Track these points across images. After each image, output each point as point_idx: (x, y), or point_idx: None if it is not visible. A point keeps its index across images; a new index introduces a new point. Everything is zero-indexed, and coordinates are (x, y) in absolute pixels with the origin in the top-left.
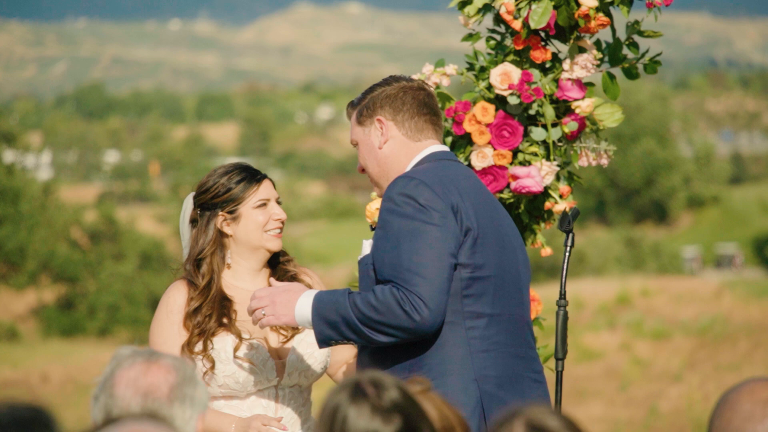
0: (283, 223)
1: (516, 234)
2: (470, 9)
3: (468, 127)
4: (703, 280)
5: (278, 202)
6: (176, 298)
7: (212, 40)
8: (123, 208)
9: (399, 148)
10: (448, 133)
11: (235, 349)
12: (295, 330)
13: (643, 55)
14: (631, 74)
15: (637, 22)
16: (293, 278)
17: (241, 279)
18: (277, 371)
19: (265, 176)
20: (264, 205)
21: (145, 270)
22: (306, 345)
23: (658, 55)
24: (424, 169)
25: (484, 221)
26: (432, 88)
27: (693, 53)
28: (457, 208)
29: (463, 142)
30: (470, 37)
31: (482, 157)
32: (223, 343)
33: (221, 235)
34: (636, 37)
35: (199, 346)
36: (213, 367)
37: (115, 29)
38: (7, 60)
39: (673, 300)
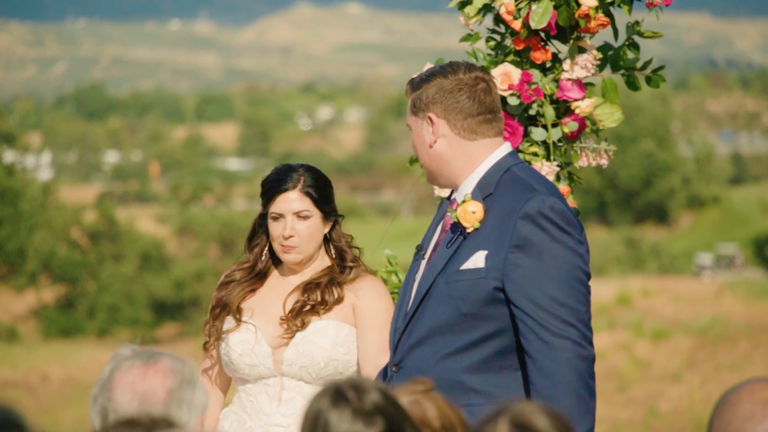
0: (294, 239)
1: None
2: (470, 9)
3: None
4: (703, 281)
5: (301, 216)
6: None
7: (212, 40)
8: (123, 209)
9: (452, 147)
10: None
11: (229, 330)
12: (300, 327)
13: (645, 65)
14: (632, 85)
15: (637, 23)
16: (324, 286)
17: (286, 271)
18: (274, 362)
19: (292, 187)
20: (277, 219)
21: (145, 270)
22: (307, 343)
23: (662, 68)
24: (535, 177)
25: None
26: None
27: (693, 53)
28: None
29: None
30: (469, 37)
31: None
32: (228, 322)
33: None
34: (636, 38)
35: (216, 321)
36: (217, 340)
37: (115, 29)
38: (7, 60)
39: (673, 300)
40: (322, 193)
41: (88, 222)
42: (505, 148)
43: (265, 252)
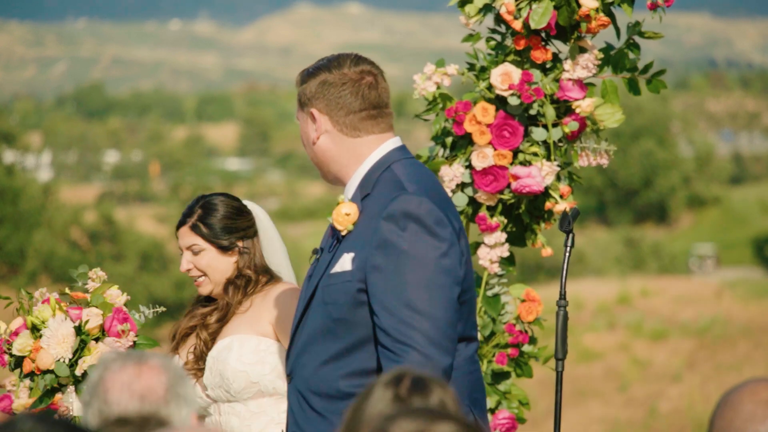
0: (195, 272)
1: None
2: (471, 9)
3: (468, 127)
4: (703, 281)
5: (194, 251)
6: None
7: (212, 40)
8: (123, 209)
9: (335, 143)
10: (448, 133)
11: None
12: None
13: (646, 69)
14: (633, 88)
15: (638, 23)
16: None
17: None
18: (203, 391)
19: (183, 223)
20: (182, 253)
21: (145, 271)
22: (216, 362)
23: (663, 72)
24: (410, 175)
25: (463, 231)
26: (380, 74)
27: (693, 53)
28: (458, 228)
29: (463, 142)
30: (470, 37)
31: (483, 158)
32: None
33: None
34: (637, 38)
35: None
36: None
37: (115, 29)
38: (7, 60)
39: (672, 300)
40: (214, 227)
41: (88, 222)
42: (392, 143)
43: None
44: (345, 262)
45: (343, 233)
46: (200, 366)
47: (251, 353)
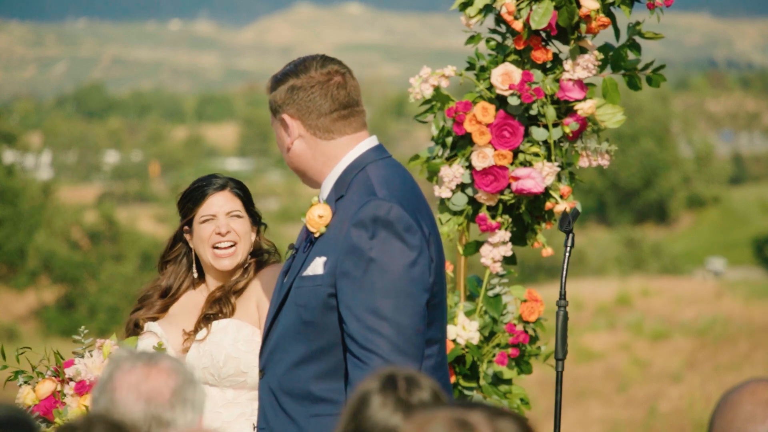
0: (231, 235)
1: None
2: (471, 10)
3: (468, 127)
4: (703, 281)
5: (233, 215)
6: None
7: (212, 40)
8: (123, 209)
9: (310, 147)
10: (448, 134)
11: (134, 339)
12: (194, 332)
13: (647, 66)
14: (633, 85)
15: (638, 23)
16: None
17: (203, 288)
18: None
19: (223, 186)
20: (208, 220)
21: (146, 271)
22: (208, 343)
23: (662, 67)
24: (383, 179)
25: (435, 235)
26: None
27: (693, 54)
28: (428, 234)
29: (463, 142)
30: (472, 39)
31: (483, 158)
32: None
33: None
34: (637, 39)
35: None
36: None
37: (115, 29)
38: (7, 60)
39: (672, 301)
40: (249, 196)
41: (88, 222)
42: (366, 143)
43: (181, 273)
44: (317, 266)
45: (316, 235)
46: (186, 346)
47: (246, 341)
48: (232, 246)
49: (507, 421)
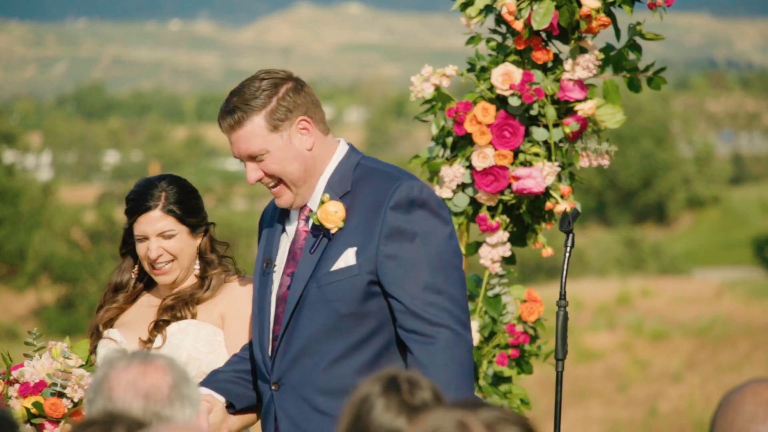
0: (163, 257)
1: None
2: (472, 10)
3: (469, 127)
4: (703, 281)
5: (165, 236)
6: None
7: (212, 40)
8: (123, 209)
9: (322, 146)
10: (448, 134)
11: (94, 346)
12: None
13: (648, 68)
14: (634, 86)
15: (638, 24)
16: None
17: (160, 288)
18: None
19: (147, 208)
20: (142, 241)
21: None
22: (167, 346)
23: (663, 69)
24: (391, 166)
25: None
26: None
27: (693, 54)
28: None
29: (464, 142)
30: (472, 39)
31: (483, 158)
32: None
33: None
34: (637, 39)
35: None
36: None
37: (115, 29)
38: (7, 60)
39: (673, 301)
40: (185, 207)
41: (88, 222)
42: (344, 142)
43: (134, 269)
44: (348, 257)
45: (333, 231)
46: (149, 347)
47: (206, 342)
48: (168, 263)
49: (511, 426)
